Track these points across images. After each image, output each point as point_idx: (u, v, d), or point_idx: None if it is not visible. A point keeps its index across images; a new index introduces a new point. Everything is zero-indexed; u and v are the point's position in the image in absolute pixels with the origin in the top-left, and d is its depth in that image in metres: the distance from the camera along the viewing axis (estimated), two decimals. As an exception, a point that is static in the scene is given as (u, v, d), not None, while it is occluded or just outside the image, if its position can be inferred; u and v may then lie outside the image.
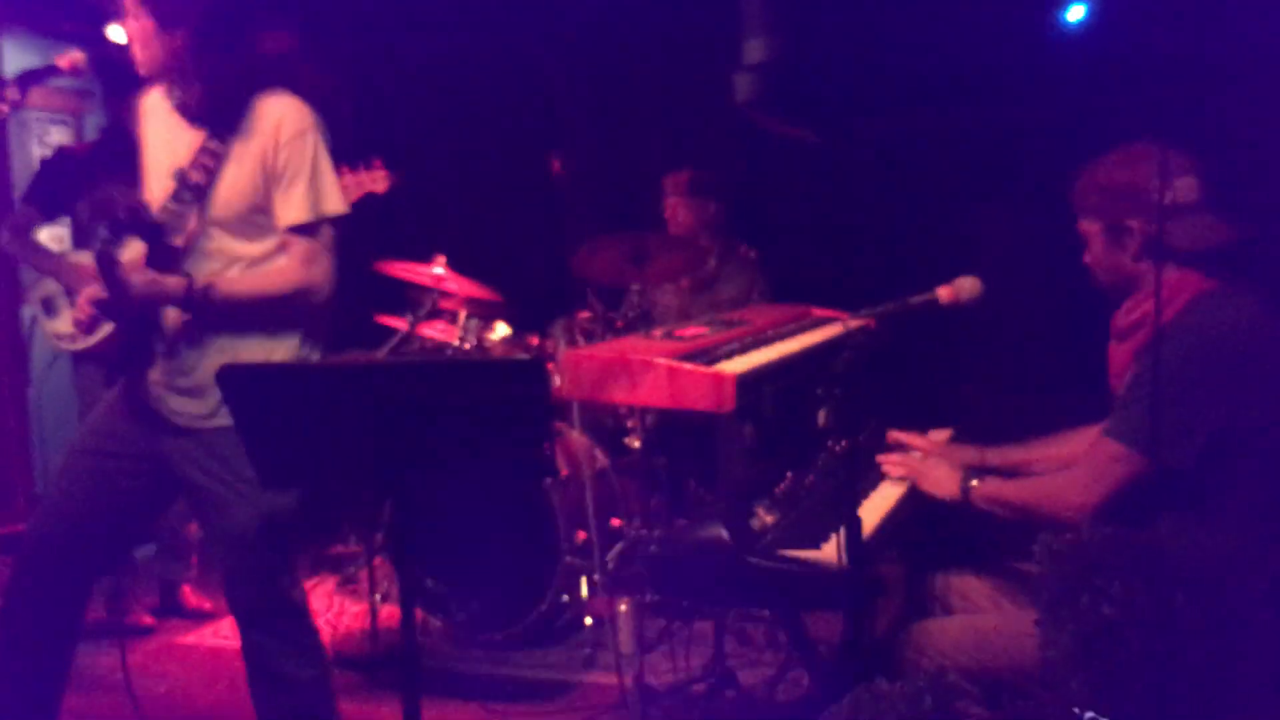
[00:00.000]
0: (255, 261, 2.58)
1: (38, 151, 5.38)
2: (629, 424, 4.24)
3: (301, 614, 2.67)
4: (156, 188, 2.62)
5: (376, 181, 4.03)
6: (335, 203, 2.59)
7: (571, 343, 4.13)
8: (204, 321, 2.54)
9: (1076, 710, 1.31)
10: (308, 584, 4.53)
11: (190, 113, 2.55)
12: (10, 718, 2.62)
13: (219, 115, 2.53)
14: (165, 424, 2.58)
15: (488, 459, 2.17)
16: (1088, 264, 2.43)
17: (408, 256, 4.41)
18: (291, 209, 2.54)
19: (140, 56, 2.56)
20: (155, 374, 2.57)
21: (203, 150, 2.52)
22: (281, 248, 2.59)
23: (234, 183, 2.53)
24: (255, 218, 2.57)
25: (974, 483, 2.49)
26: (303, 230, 2.56)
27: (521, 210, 5.59)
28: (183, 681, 3.77)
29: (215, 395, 2.51)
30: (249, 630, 2.64)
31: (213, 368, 2.51)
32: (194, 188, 2.51)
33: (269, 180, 2.54)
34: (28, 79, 2.71)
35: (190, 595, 4.41)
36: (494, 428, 2.10)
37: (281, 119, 2.53)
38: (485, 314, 4.42)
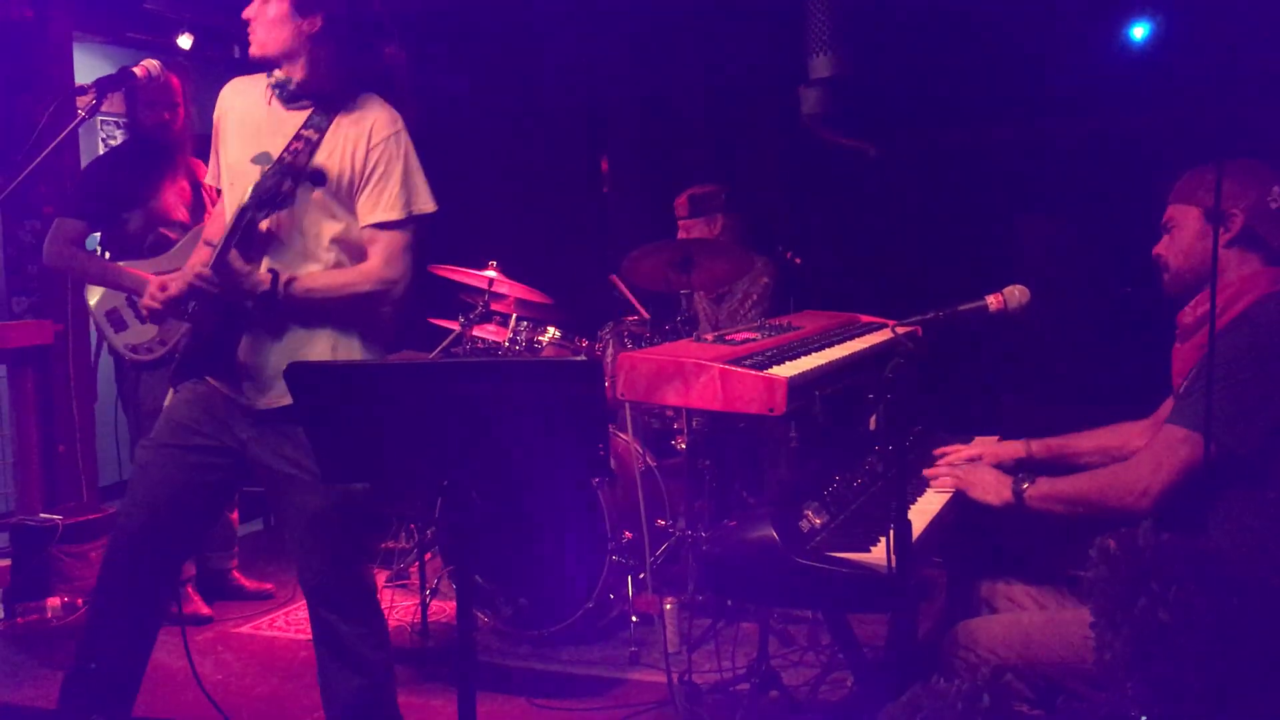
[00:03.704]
0: (338, 238, 2.65)
1: (103, 152, 5.51)
2: (675, 426, 4.29)
3: (372, 596, 2.74)
4: (237, 170, 2.69)
5: None
6: (426, 201, 2.68)
7: (620, 346, 4.19)
8: (284, 314, 2.62)
9: (1133, 714, 1.34)
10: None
11: (296, 96, 2.64)
12: (95, 696, 2.71)
13: (324, 102, 2.62)
14: (243, 412, 2.66)
15: (544, 458, 2.22)
16: (1159, 254, 2.48)
17: (461, 261, 4.49)
18: (382, 207, 2.63)
19: (263, 37, 2.63)
20: (233, 365, 2.66)
21: (299, 138, 2.61)
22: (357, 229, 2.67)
23: (324, 168, 2.60)
24: (339, 199, 2.64)
25: (1025, 485, 2.50)
26: (391, 228, 2.64)
27: (572, 217, 5.67)
28: (238, 671, 3.86)
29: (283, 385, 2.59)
30: (322, 611, 2.70)
31: (286, 359, 2.59)
32: (288, 167, 2.58)
33: (355, 173, 2.62)
34: (105, 85, 2.79)
35: (244, 579, 4.51)
36: (551, 428, 2.15)
37: (376, 120, 2.63)
38: (535, 317, 4.50)
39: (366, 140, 2.61)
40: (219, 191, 2.82)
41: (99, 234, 4.15)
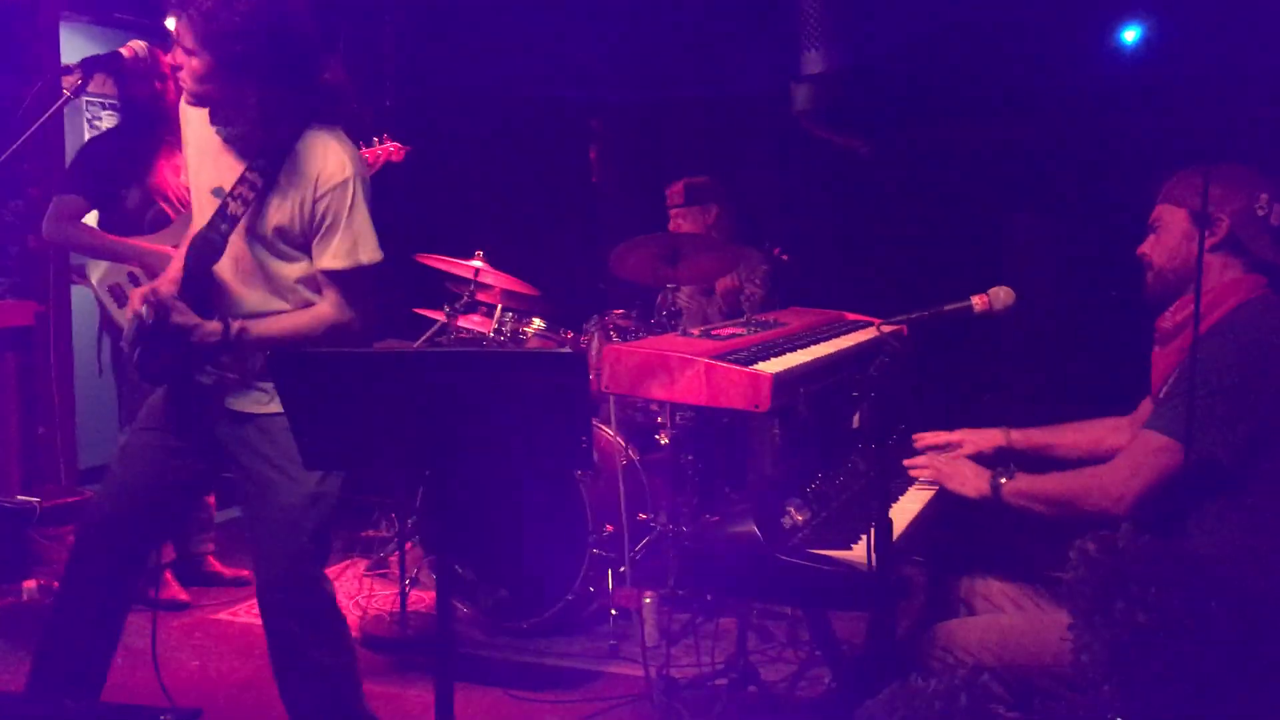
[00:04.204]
0: (299, 281, 2.65)
1: (89, 134, 5.47)
2: (659, 420, 4.29)
3: (331, 601, 2.72)
4: (199, 198, 2.68)
5: (393, 153, 4.13)
6: (371, 251, 2.61)
7: (605, 339, 4.19)
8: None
9: (1109, 716, 1.34)
10: (339, 566, 4.63)
11: (237, 146, 2.58)
12: (63, 679, 2.70)
13: (265, 153, 2.56)
14: (222, 410, 2.66)
15: (527, 450, 2.22)
16: (1144, 253, 2.49)
17: (447, 250, 4.48)
18: (328, 256, 2.59)
19: (194, 88, 2.54)
20: (208, 372, 2.66)
21: (243, 181, 2.56)
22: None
23: (273, 217, 2.58)
24: (294, 243, 2.62)
25: (1003, 480, 2.50)
26: (341, 274, 2.61)
27: (560, 208, 5.66)
28: (215, 657, 3.85)
29: (267, 386, 2.60)
30: (278, 617, 2.67)
31: (260, 364, 2.60)
32: (232, 219, 2.56)
33: (305, 224, 2.58)
34: (91, 66, 2.77)
35: (220, 565, 4.50)
36: (535, 419, 2.15)
37: (323, 169, 2.55)
38: (521, 308, 4.49)
39: (313, 190, 2.55)
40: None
41: (98, 215, 4.15)
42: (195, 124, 2.67)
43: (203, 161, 2.67)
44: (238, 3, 2.43)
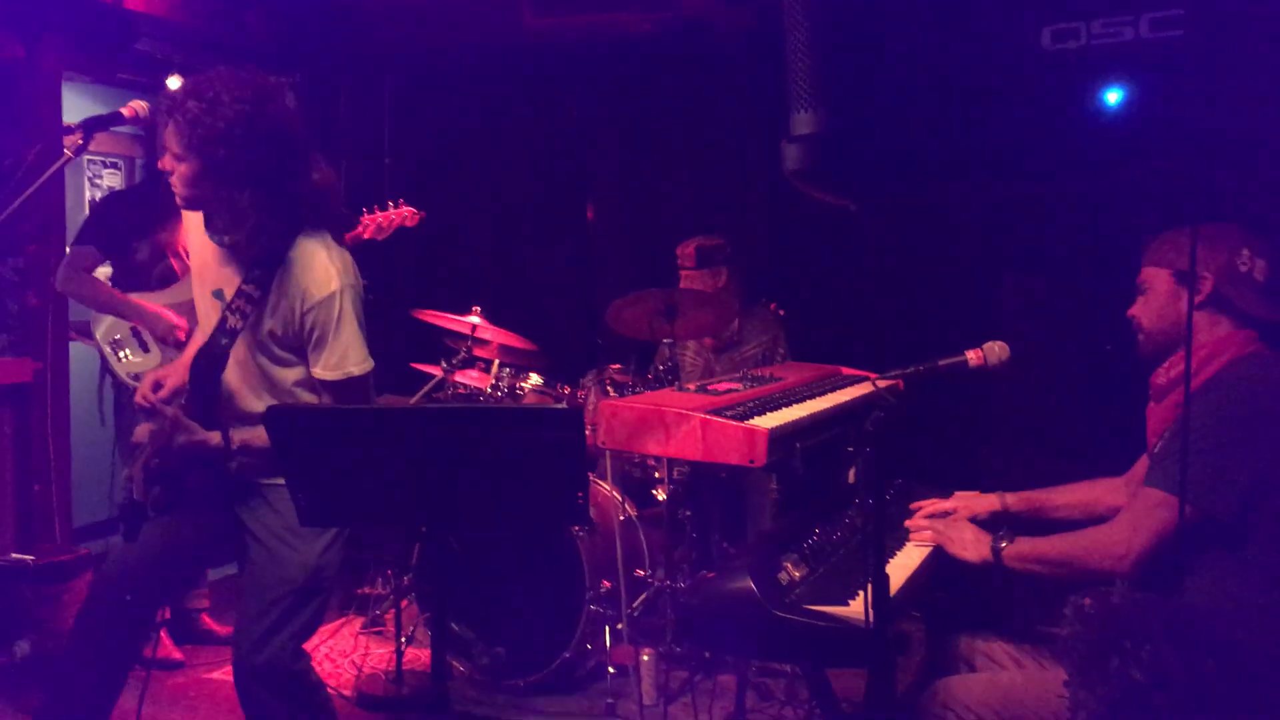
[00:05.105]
0: (296, 385, 2.67)
1: (89, 192, 5.53)
2: (656, 475, 4.28)
3: (306, 675, 2.69)
4: (202, 299, 2.73)
5: (406, 218, 4.20)
6: (359, 363, 2.62)
7: (602, 394, 4.19)
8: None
9: (1105, 771, 1.33)
10: (334, 624, 4.60)
11: (233, 252, 2.61)
12: None
13: (260, 261, 2.59)
14: (231, 477, 2.67)
15: (524, 505, 2.22)
16: (1134, 315, 2.51)
17: (445, 306, 4.51)
18: (319, 367, 2.62)
19: (184, 193, 2.57)
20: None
21: (240, 294, 2.60)
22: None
23: (267, 323, 2.61)
24: (289, 347, 2.64)
25: (1004, 544, 2.50)
26: (330, 385, 2.63)
27: (557, 264, 5.70)
28: (210, 716, 3.81)
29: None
30: (252, 682, 2.62)
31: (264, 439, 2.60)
32: (231, 332, 2.60)
33: (296, 332, 2.61)
34: (93, 125, 2.80)
35: (214, 623, 4.47)
36: (531, 475, 2.15)
37: (310, 282, 2.56)
38: (518, 363, 4.50)
39: (301, 304, 2.57)
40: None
41: (111, 267, 4.22)
42: (196, 226, 2.70)
43: (205, 262, 2.70)
44: (223, 109, 2.45)
